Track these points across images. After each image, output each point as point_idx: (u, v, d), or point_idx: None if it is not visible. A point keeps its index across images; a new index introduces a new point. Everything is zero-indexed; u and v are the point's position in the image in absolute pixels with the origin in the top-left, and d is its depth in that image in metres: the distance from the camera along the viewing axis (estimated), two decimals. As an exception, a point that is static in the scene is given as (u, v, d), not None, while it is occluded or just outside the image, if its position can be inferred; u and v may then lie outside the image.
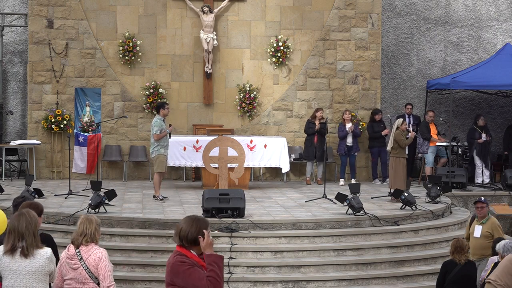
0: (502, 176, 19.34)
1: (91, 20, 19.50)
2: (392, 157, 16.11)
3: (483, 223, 11.55)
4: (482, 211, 11.60)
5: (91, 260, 7.06)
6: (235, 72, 19.88)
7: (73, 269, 7.06)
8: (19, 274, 6.49)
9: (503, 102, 21.80)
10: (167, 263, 5.94)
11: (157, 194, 15.75)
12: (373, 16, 20.07)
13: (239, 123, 19.86)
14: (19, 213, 6.62)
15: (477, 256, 11.48)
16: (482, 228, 11.50)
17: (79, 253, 7.07)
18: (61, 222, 13.70)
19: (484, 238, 11.45)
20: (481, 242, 11.48)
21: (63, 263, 7.11)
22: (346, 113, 19.24)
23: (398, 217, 14.47)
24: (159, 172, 15.63)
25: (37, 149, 19.25)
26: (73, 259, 7.08)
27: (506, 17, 22.00)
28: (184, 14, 19.76)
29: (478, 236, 11.49)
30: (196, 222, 5.89)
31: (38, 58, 19.33)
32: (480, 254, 11.50)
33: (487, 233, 11.44)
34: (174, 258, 5.88)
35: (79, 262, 7.05)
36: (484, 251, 11.42)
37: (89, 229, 7.13)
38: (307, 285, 12.57)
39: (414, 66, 21.80)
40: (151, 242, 13.24)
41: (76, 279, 7.05)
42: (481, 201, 11.67)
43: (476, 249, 11.51)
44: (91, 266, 7.05)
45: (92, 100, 19.43)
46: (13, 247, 6.47)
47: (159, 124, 15.59)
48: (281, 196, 16.93)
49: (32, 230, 6.52)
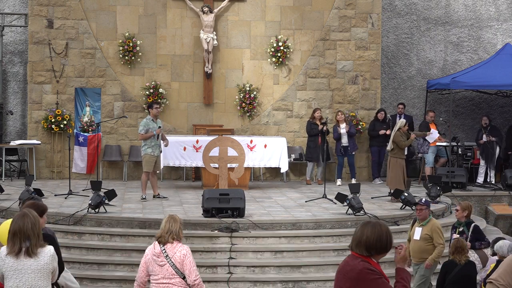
0: (502, 176, 19.34)
1: (91, 20, 19.50)
2: (390, 157, 16.10)
3: (423, 225, 11.03)
4: (421, 213, 11.04)
5: (176, 257, 7.50)
6: (235, 72, 19.88)
7: (159, 266, 7.53)
8: (24, 273, 6.50)
9: (503, 102, 21.80)
10: (344, 269, 5.54)
11: (142, 193, 15.81)
12: (373, 16, 20.07)
13: (239, 123, 19.86)
14: (22, 214, 6.62)
15: (416, 259, 11.05)
16: (422, 230, 11.00)
17: (164, 250, 7.53)
18: (61, 222, 13.69)
19: (423, 240, 10.97)
20: (420, 245, 10.99)
21: (149, 260, 7.57)
22: (339, 114, 19.15)
23: (398, 217, 14.47)
24: (145, 171, 15.70)
25: (37, 149, 19.25)
26: (159, 257, 7.55)
27: (506, 17, 22.00)
28: (184, 14, 19.76)
29: (417, 238, 10.99)
30: (387, 232, 5.54)
31: (38, 58, 19.33)
32: (419, 257, 11.03)
33: (426, 235, 10.95)
34: (360, 265, 5.48)
35: (165, 259, 7.50)
36: (423, 254, 10.97)
37: (174, 227, 7.60)
38: (307, 285, 12.58)
39: (414, 66, 21.80)
40: (151, 242, 13.16)
41: (163, 275, 7.51)
42: (421, 203, 11.14)
43: (415, 252, 11.04)
44: (177, 263, 7.48)
45: (92, 100, 19.43)
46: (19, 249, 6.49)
47: (144, 123, 15.64)
48: (281, 196, 16.93)
49: (36, 230, 6.56)
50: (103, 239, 13.41)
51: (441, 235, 10.96)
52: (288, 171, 19.31)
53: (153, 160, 15.64)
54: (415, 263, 11.00)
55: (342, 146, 19.06)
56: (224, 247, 13.01)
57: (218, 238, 13.22)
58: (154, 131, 15.57)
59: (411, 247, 11.01)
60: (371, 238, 5.45)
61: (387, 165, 16.24)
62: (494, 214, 18.30)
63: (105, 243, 13.30)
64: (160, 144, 15.85)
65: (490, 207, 18.51)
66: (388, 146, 16.27)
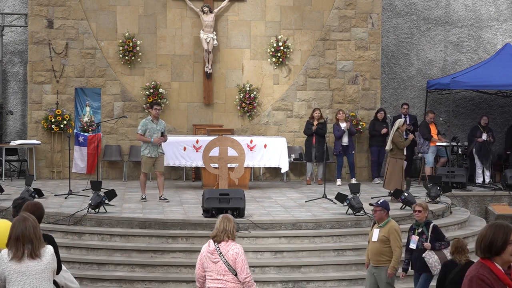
0: (502, 176, 19.34)
1: (91, 20, 19.50)
2: (389, 157, 16.07)
3: (381, 227, 10.67)
4: (376, 214, 10.71)
5: (229, 255, 7.85)
6: (235, 72, 19.88)
7: (213, 263, 7.90)
8: (28, 275, 6.50)
9: (503, 102, 21.80)
10: (468, 272, 5.35)
11: (142, 193, 15.78)
12: (373, 16, 20.07)
13: (239, 123, 19.86)
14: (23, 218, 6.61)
15: (374, 262, 10.68)
16: (379, 232, 10.66)
17: (218, 248, 7.88)
18: (61, 222, 13.69)
19: (381, 242, 10.60)
20: (377, 247, 10.62)
21: (204, 257, 7.96)
22: (339, 112, 19.16)
23: (398, 217, 14.46)
24: (142, 172, 15.73)
25: (37, 149, 19.25)
26: (213, 254, 7.91)
27: (506, 17, 21.99)
28: (184, 14, 19.77)
29: (375, 240, 10.64)
30: (500, 228, 5.25)
31: (38, 58, 19.33)
32: (377, 259, 10.63)
33: (384, 237, 10.58)
34: (474, 271, 5.29)
35: (219, 257, 7.86)
36: (380, 256, 10.60)
37: (228, 227, 7.94)
38: (307, 285, 12.58)
39: (414, 66, 21.80)
40: (151, 242, 13.24)
41: (217, 271, 7.89)
42: (376, 204, 10.78)
43: (373, 254, 10.68)
44: (230, 260, 7.85)
45: (92, 100, 19.43)
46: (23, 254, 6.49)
47: (142, 123, 15.59)
48: (281, 196, 16.93)
49: (38, 234, 6.57)
50: (103, 239, 13.41)
51: (399, 238, 10.60)
52: (288, 171, 19.31)
53: (150, 161, 15.54)
54: (373, 265, 10.68)
55: (342, 145, 19.06)
56: (224, 247, 13.00)
57: (218, 238, 13.21)
58: (152, 139, 15.42)
59: (369, 249, 10.75)
60: (487, 239, 5.25)
61: (386, 165, 16.20)
62: (494, 214, 18.30)
63: (105, 243, 13.30)
64: (159, 145, 15.65)
65: (490, 207, 18.51)
66: (386, 146, 16.22)
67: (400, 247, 10.62)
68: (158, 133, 15.53)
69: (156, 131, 15.53)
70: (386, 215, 10.75)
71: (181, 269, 12.62)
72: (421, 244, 10.97)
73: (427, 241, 10.95)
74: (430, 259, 10.84)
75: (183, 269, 12.62)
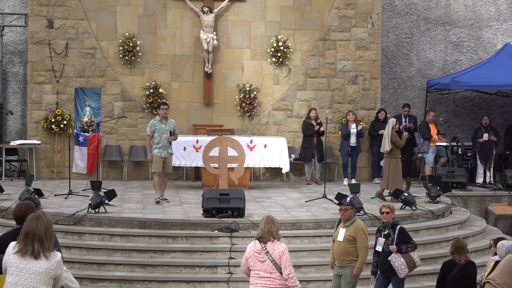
0: (502, 176, 19.35)
1: (91, 20, 19.50)
2: (388, 158, 16.02)
3: (347, 226, 10.36)
4: (345, 213, 10.37)
5: (276, 254, 8.38)
6: (235, 72, 19.88)
7: (260, 262, 8.41)
8: (25, 272, 6.50)
9: (503, 102, 21.80)
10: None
11: (156, 195, 15.61)
12: (373, 16, 20.07)
13: (239, 123, 19.86)
14: (36, 216, 6.62)
15: (340, 262, 10.37)
16: (345, 231, 10.33)
17: (265, 248, 8.42)
18: (61, 222, 13.68)
19: (347, 242, 10.26)
20: (343, 246, 10.29)
21: (251, 256, 8.47)
22: (350, 114, 19.17)
23: (398, 217, 14.44)
24: (153, 172, 15.61)
25: (37, 149, 19.25)
26: (260, 254, 8.43)
27: (506, 17, 22.00)
28: (184, 14, 19.77)
29: (341, 240, 10.32)
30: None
31: (38, 58, 19.33)
32: (343, 259, 10.33)
33: (350, 237, 10.24)
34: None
35: (266, 256, 8.38)
36: (346, 256, 10.28)
37: (273, 228, 8.54)
38: (307, 285, 12.58)
39: (414, 66, 21.80)
40: (151, 242, 13.24)
41: (264, 269, 8.39)
42: (345, 202, 10.45)
43: (339, 254, 10.37)
44: (276, 259, 8.36)
45: (92, 100, 19.43)
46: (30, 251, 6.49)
47: (150, 124, 15.49)
48: (281, 196, 16.93)
49: (49, 234, 6.56)
50: (103, 239, 13.41)
51: (365, 238, 10.32)
52: (288, 171, 19.31)
53: (160, 160, 15.38)
54: (339, 265, 10.41)
55: (351, 146, 19.06)
56: (224, 247, 13.01)
57: (218, 238, 13.22)
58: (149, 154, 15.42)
59: (335, 248, 10.47)
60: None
61: (387, 166, 16.14)
62: (494, 214, 18.31)
63: (105, 243, 13.30)
64: (169, 146, 15.58)
65: (490, 207, 18.52)
66: (385, 147, 16.05)
67: (367, 247, 10.34)
68: (167, 133, 15.45)
69: (165, 131, 15.42)
70: (353, 214, 10.49)
71: (181, 269, 12.62)
72: (387, 247, 10.69)
73: (393, 243, 10.65)
74: (396, 262, 10.57)
75: (183, 269, 12.62)
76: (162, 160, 15.43)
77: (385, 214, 10.80)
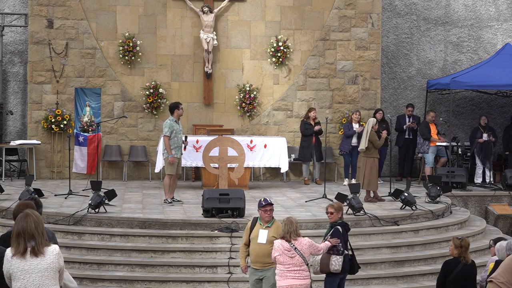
0: (502, 176, 19.34)
1: (91, 20, 19.50)
2: (365, 157, 15.95)
3: (269, 227, 10.00)
4: (271, 214, 10.05)
5: (304, 248, 9.40)
6: (235, 72, 19.88)
7: (290, 257, 9.35)
8: (31, 273, 6.49)
9: (503, 102, 21.80)
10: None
11: (166, 197, 15.46)
12: (373, 16, 20.07)
13: (239, 123, 19.86)
14: (25, 214, 6.61)
15: (260, 264, 9.94)
16: (267, 232, 9.94)
17: (293, 245, 9.37)
18: (61, 222, 13.70)
19: (270, 243, 9.79)
20: (265, 248, 9.85)
21: (281, 254, 9.37)
22: (356, 113, 19.03)
23: (398, 217, 14.47)
24: (168, 174, 15.30)
25: (37, 149, 19.25)
26: (290, 251, 9.35)
27: (506, 17, 22.00)
28: (184, 14, 19.76)
29: (263, 242, 9.88)
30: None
31: (38, 58, 19.33)
32: (264, 262, 9.90)
33: (273, 238, 9.80)
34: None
35: (295, 252, 9.35)
36: (268, 258, 9.78)
37: (291, 228, 9.43)
38: (307, 285, 12.55)
39: (414, 66, 21.80)
40: (151, 242, 13.24)
41: (294, 264, 9.35)
42: (270, 203, 10.10)
43: (260, 256, 9.92)
44: (305, 253, 9.39)
45: (92, 100, 19.43)
46: (25, 249, 6.48)
47: (169, 125, 15.20)
48: (281, 196, 16.93)
49: (40, 229, 6.55)
50: (103, 239, 13.41)
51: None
52: (288, 171, 19.32)
53: (176, 162, 15.32)
54: (259, 268, 9.97)
55: (352, 145, 18.98)
56: (224, 247, 13.01)
57: (218, 238, 13.22)
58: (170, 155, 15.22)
59: (255, 251, 9.99)
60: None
61: (362, 165, 16.00)
62: (494, 214, 18.31)
63: (105, 243, 13.30)
64: (182, 146, 15.54)
65: (490, 207, 18.51)
66: (361, 145, 15.92)
67: None
68: (181, 134, 15.44)
69: (180, 132, 15.39)
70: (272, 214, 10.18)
71: (181, 269, 12.62)
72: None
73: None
74: (316, 257, 10.16)
75: (183, 269, 12.62)
76: (177, 161, 15.35)
77: (329, 215, 10.41)
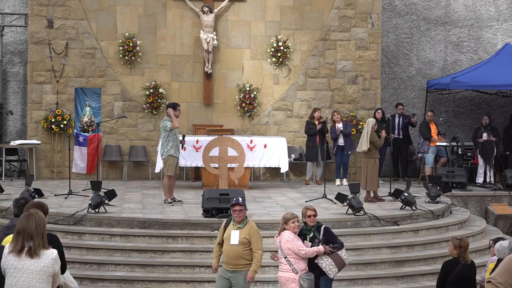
0: (502, 176, 19.34)
1: (91, 20, 19.50)
2: (366, 157, 15.93)
3: (241, 227, 9.82)
4: (240, 214, 9.81)
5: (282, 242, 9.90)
6: (235, 72, 19.89)
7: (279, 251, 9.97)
8: (23, 272, 6.50)
9: (503, 102, 21.80)
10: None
11: (166, 197, 15.42)
12: (373, 16, 20.08)
13: (239, 123, 19.87)
14: (28, 213, 6.63)
15: (232, 266, 9.78)
16: (239, 233, 9.76)
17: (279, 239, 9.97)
18: (61, 222, 13.69)
19: (242, 245, 9.72)
20: (236, 250, 9.73)
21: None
22: (334, 114, 19.00)
23: (398, 217, 14.47)
24: (168, 175, 15.20)
25: (37, 149, 19.25)
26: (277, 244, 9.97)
27: (506, 17, 22.00)
28: (184, 14, 19.77)
29: (235, 243, 9.73)
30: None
31: (38, 58, 19.33)
32: (235, 264, 9.76)
33: (245, 239, 9.72)
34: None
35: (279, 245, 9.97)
36: (239, 260, 9.74)
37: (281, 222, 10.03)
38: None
39: (414, 66, 21.80)
40: (151, 242, 13.24)
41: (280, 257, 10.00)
42: (239, 202, 9.89)
43: (232, 258, 9.76)
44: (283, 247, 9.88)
45: (92, 100, 19.43)
46: (22, 248, 6.49)
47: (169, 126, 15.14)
48: (281, 196, 16.93)
49: (41, 231, 6.55)
50: (103, 239, 13.41)
51: (260, 240, 9.85)
52: (288, 171, 19.31)
53: (175, 161, 15.29)
54: (230, 269, 9.82)
55: (338, 145, 18.95)
56: (224, 247, 12.99)
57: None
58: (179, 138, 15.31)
59: (227, 252, 9.82)
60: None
61: (364, 166, 15.99)
62: (494, 214, 18.30)
63: (105, 243, 13.30)
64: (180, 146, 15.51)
65: (490, 207, 18.51)
66: (362, 147, 15.85)
67: (262, 249, 9.84)
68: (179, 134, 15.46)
69: (177, 131, 15.41)
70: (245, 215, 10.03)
71: (181, 269, 12.62)
72: None
73: (319, 245, 10.14)
74: (324, 263, 10.16)
75: (183, 269, 12.62)
76: (176, 161, 15.32)
77: (311, 217, 10.25)
